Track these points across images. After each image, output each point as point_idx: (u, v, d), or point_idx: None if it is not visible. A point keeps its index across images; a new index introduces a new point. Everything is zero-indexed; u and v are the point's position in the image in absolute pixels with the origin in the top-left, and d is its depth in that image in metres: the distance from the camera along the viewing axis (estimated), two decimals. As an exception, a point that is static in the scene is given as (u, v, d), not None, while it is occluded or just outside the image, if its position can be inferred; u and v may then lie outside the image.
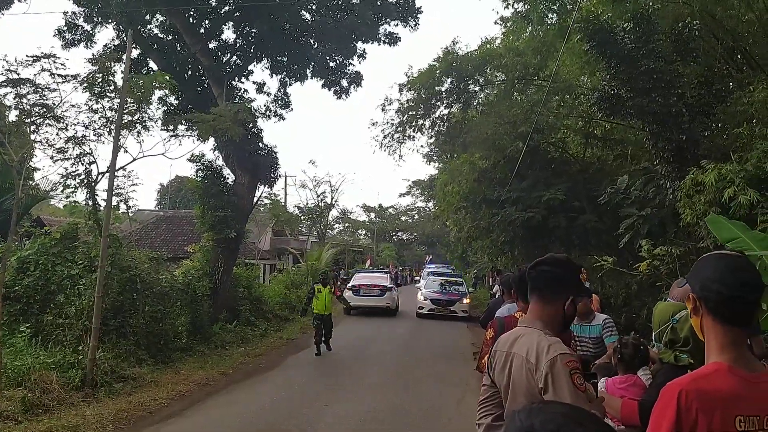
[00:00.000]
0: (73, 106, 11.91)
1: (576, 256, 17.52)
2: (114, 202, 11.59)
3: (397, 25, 19.54)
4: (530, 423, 1.17)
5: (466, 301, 24.97)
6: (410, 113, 22.47)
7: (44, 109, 11.35)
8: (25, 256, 11.94)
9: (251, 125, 16.87)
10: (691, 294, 2.04)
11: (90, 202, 12.42)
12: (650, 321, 4.01)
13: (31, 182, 17.22)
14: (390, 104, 22.69)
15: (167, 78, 12.56)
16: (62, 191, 12.48)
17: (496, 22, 21.17)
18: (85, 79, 11.63)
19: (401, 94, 22.21)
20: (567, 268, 2.80)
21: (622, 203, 12.99)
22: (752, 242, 5.75)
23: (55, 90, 11.38)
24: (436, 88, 20.89)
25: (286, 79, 20.48)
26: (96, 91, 11.67)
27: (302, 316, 18.45)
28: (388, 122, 23.32)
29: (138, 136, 12.68)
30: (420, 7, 19.26)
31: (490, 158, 19.96)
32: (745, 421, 1.84)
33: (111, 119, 11.80)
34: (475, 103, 21.84)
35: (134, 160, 12.75)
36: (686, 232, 10.37)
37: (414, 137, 23.74)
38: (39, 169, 17.20)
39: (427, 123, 22.75)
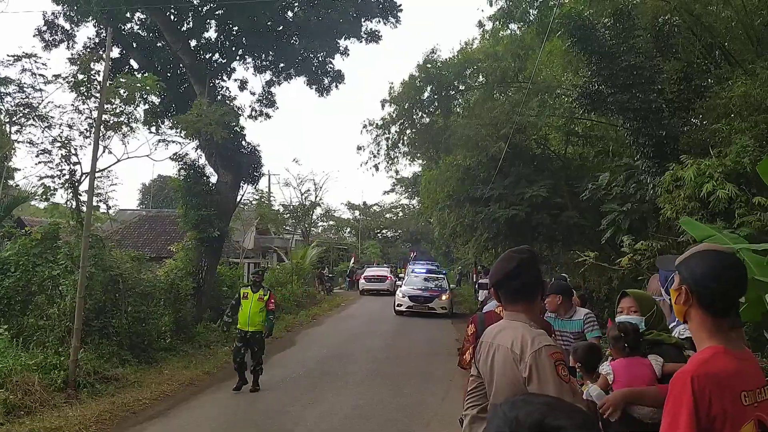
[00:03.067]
0: (57, 106, 11.87)
1: (559, 251, 17.67)
2: (94, 202, 11.51)
3: (379, 22, 19.57)
4: (514, 415, 1.17)
5: (445, 297, 24.12)
6: (394, 128, 22.46)
7: (28, 109, 11.28)
8: (5, 257, 11.80)
9: (234, 124, 16.82)
10: (684, 286, 2.10)
11: (73, 203, 12.33)
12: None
13: (11, 182, 17.07)
14: (374, 126, 22.76)
15: (156, 80, 12.51)
16: (43, 193, 12.41)
17: (479, 21, 21.25)
18: (70, 79, 11.58)
19: (383, 110, 22.31)
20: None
21: (604, 199, 13.09)
22: (726, 239, 5.86)
23: (40, 90, 11.34)
24: (418, 97, 20.94)
25: (272, 78, 20.47)
26: (82, 91, 11.60)
27: (225, 331, 12.72)
28: (374, 140, 23.35)
29: (123, 138, 12.66)
30: (400, 5, 19.34)
31: (473, 157, 20.04)
32: (748, 395, 1.94)
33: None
34: (456, 108, 21.91)
35: (118, 161, 12.72)
36: (666, 227, 10.49)
37: (406, 153, 23.90)
38: (19, 170, 17.02)
39: (411, 134, 22.79)
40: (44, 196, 12.50)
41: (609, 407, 3.28)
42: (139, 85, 12.71)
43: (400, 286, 26.24)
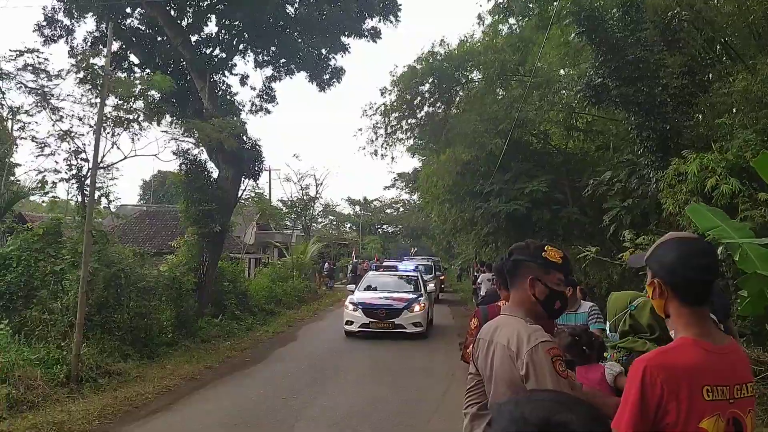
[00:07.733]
0: (69, 95, 11.91)
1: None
2: (96, 197, 11.53)
3: (380, 21, 19.66)
4: (520, 412, 1.17)
5: (419, 308, 16.06)
6: (395, 115, 22.42)
7: (40, 98, 11.32)
8: (7, 253, 11.82)
9: (242, 132, 16.81)
10: (656, 279, 2.08)
11: (78, 198, 12.36)
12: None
13: (12, 178, 17.08)
14: (374, 111, 22.72)
15: (167, 80, 12.54)
16: (42, 187, 12.44)
17: (479, 15, 21.17)
18: (83, 71, 11.61)
19: (384, 97, 22.26)
20: (525, 250, 2.84)
21: (605, 194, 13.08)
22: (731, 230, 5.85)
23: (56, 79, 11.39)
24: (419, 88, 20.92)
25: (273, 73, 20.49)
26: (97, 84, 11.63)
27: None
28: (373, 127, 23.31)
29: (135, 136, 12.74)
30: (400, 4, 19.50)
31: (472, 153, 20.02)
32: (712, 390, 1.91)
33: (106, 114, 11.77)
34: (456, 100, 21.88)
35: (126, 158, 12.73)
36: (668, 222, 10.48)
37: (402, 140, 23.84)
38: (20, 165, 17.04)
39: (411, 122, 22.73)
40: (44, 191, 12.53)
41: None
42: (156, 84, 12.77)
43: (352, 292, 17.65)
